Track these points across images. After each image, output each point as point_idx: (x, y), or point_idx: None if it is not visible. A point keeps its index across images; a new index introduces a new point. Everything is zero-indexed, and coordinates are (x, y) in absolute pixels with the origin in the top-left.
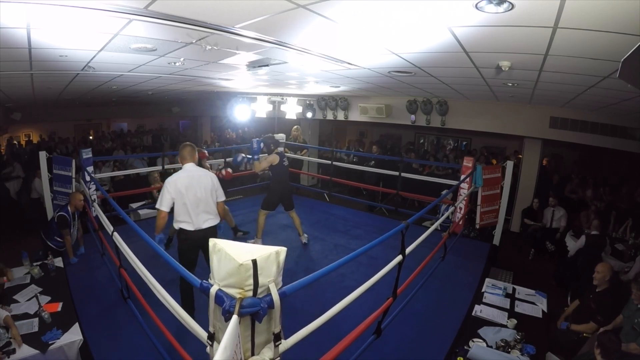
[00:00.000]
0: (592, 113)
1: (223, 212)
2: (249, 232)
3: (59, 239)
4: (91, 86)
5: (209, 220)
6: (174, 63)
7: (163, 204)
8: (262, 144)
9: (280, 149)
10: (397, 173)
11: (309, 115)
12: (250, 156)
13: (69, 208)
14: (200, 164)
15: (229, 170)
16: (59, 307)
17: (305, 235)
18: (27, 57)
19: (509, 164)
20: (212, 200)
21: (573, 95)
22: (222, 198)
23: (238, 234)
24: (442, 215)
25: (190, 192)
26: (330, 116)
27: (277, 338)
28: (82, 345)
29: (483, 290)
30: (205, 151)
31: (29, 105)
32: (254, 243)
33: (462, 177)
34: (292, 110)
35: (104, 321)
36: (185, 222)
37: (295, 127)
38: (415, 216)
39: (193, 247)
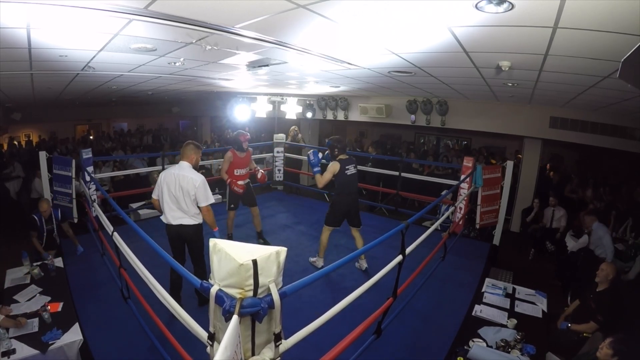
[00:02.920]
0: (592, 113)
1: (207, 216)
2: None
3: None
4: (91, 86)
5: (182, 219)
6: (174, 63)
7: (154, 192)
8: (319, 153)
9: (346, 155)
10: (397, 173)
11: (309, 115)
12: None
13: (40, 213)
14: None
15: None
16: (59, 307)
17: (364, 261)
18: (27, 57)
19: (509, 164)
20: (187, 201)
21: (573, 95)
22: (203, 203)
23: (259, 240)
24: (442, 215)
25: (166, 188)
26: (330, 116)
27: (277, 338)
28: (82, 345)
29: (483, 290)
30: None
31: (29, 105)
32: (314, 262)
33: (462, 177)
34: (292, 110)
35: (104, 321)
36: (163, 213)
37: (292, 127)
38: (415, 216)
39: (170, 239)
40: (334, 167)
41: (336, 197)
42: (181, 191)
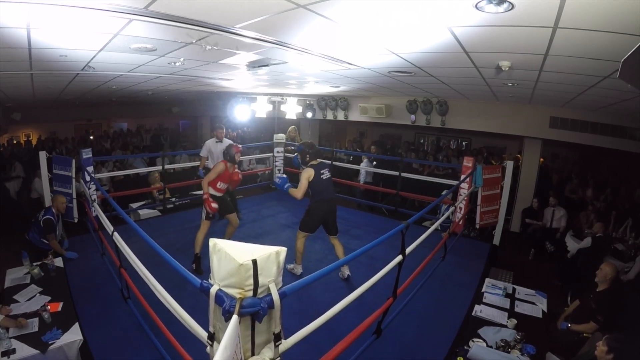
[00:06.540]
0: (592, 113)
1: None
2: None
3: (45, 240)
4: (91, 86)
5: None
6: (174, 63)
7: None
8: (284, 175)
9: (319, 160)
10: (397, 173)
11: (309, 115)
12: (283, 183)
13: (53, 210)
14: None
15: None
16: (59, 307)
17: (347, 268)
18: (27, 57)
19: (509, 164)
20: None
21: (573, 95)
22: None
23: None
24: (442, 215)
25: None
26: (330, 116)
27: (277, 338)
28: (82, 345)
29: (483, 290)
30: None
31: (29, 105)
32: (292, 269)
33: (462, 177)
34: (292, 110)
35: (104, 321)
36: None
37: (292, 127)
38: (415, 216)
39: None
40: (307, 173)
41: (313, 204)
42: None
